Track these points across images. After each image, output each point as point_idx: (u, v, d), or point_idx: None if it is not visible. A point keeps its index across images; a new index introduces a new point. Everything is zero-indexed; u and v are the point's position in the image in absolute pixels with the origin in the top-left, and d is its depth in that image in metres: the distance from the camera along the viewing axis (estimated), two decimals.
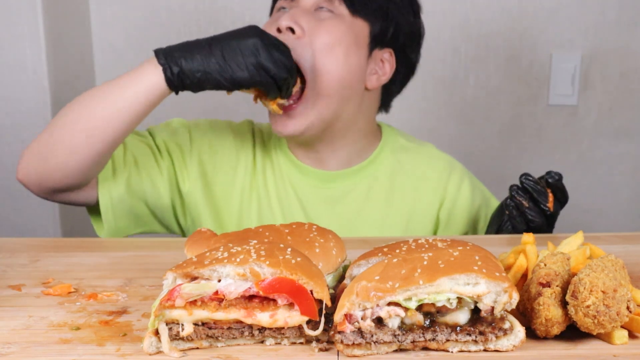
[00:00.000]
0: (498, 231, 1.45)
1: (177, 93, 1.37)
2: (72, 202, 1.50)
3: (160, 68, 1.33)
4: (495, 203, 1.67)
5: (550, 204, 1.36)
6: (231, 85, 1.34)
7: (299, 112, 1.46)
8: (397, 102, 2.48)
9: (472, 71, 2.44)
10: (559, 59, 2.40)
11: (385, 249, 0.97)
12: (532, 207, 1.36)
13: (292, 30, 1.43)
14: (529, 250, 1.01)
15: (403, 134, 1.72)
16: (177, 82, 1.33)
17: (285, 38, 1.42)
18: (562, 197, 1.37)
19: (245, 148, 1.62)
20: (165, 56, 1.33)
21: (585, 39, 2.39)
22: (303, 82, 1.46)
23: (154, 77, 1.33)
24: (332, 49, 1.44)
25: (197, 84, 1.34)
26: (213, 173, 1.59)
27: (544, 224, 1.37)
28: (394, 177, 1.63)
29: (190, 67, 1.32)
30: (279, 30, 1.44)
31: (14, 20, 2.02)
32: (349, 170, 1.61)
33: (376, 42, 1.53)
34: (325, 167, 1.61)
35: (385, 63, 1.56)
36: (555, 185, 1.36)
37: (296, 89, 1.44)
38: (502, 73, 2.44)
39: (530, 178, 1.37)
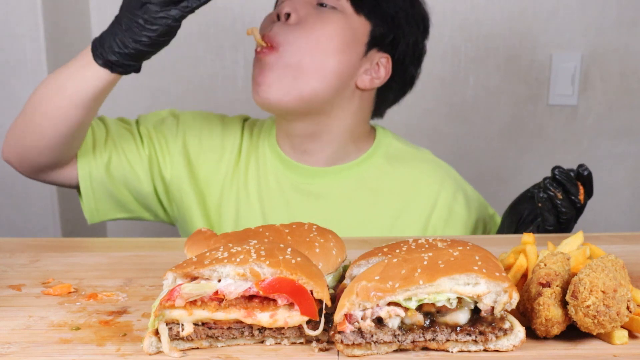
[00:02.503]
0: (519, 225, 1.45)
1: (137, 71, 1.37)
2: (55, 182, 1.55)
3: (106, 69, 1.34)
4: (491, 211, 1.66)
5: (581, 197, 1.37)
6: (174, 27, 1.30)
7: (276, 80, 1.45)
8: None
9: (472, 71, 2.44)
10: (559, 59, 2.40)
11: (385, 249, 0.97)
12: (565, 199, 1.36)
13: (288, 16, 1.46)
14: (529, 250, 1.01)
15: (399, 138, 1.69)
16: (129, 70, 1.35)
17: (279, 24, 1.46)
18: (589, 190, 1.39)
19: (232, 140, 1.62)
20: (102, 57, 1.33)
21: (585, 39, 2.39)
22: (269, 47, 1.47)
23: (102, 73, 1.35)
24: (324, 41, 1.46)
25: (137, 55, 1.32)
26: (197, 161, 1.61)
27: (573, 216, 1.38)
28: (383, 180, 1.60)
29: (127, 52, 1.31)
30: (278, 17, 1.48)
31: (14, 20, 2.02)
32: (335, 168, 1.60)
33: (375, 43, 1.53)
34: (311, 162, 1.60)
35: (380, 67, 1.56)
36: (586, 178, 1.37)
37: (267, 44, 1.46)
38: (502, 73, 2.44)
39: (563, 170, 1.37)
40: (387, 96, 1.63)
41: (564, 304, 0.87)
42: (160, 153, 1.58)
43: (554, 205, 1.36)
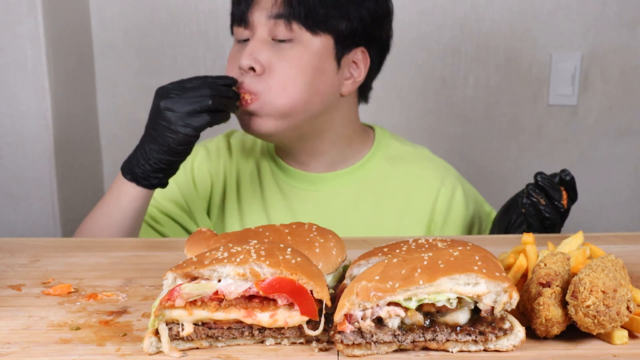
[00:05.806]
0: (508, 229, 1.46)
1: (163, 186, 1.46)
2: None
3: (133, 182, 1.43)
4: (488, 208, 1.66)
5: (564, 202, 1.39)
6: (193, 136, 1.38)
7: (264, 122, 1.47)
8: (397, 102, 2.49)
9: (472, 71, 2.44)
10: (559, 59, 2.40)
11: (385, 249, 0.97)
12: (548, 204, 1.38)
13: (253, 68, 1.44)
14: (529, 250, 1.01)
15: (397, 137, 1.69)
16: (154, 183, 1.43)
17: (249, 77, 1.45)
18: (573, 195, 1.41)
19: (219, 170, 1.66)
20: (130, 171, 1.42)
21: (585, 39, 2.39)
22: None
23: (131, 189, 1.43)
24: (295, 80, 1.44)
25: (171, 165, 1.41)
26: (216, 198, 1.67)
27: (558, 221, 1.40)
28: (386, 182, 1.61)
29: (151, 163, 1.40)
30: (241, 69, 1.46)
31: (14, 20, 2.02)
32: (336, 174, 1.61)
33: (343, 49, 1.49)
34: (311, 170, 1.61)
35: (358, 63, 1.53)
36: (569, 183, 1.39)
37: (247, 96, 1.45)
38: (502, 73, 2.44)
39: (545, 176, 1.39)
40: (367, 82, 1.60)
41: (564, 304, 0.87)
42: (187, 221, 1.65)
43: (537, 210, 1.38)
